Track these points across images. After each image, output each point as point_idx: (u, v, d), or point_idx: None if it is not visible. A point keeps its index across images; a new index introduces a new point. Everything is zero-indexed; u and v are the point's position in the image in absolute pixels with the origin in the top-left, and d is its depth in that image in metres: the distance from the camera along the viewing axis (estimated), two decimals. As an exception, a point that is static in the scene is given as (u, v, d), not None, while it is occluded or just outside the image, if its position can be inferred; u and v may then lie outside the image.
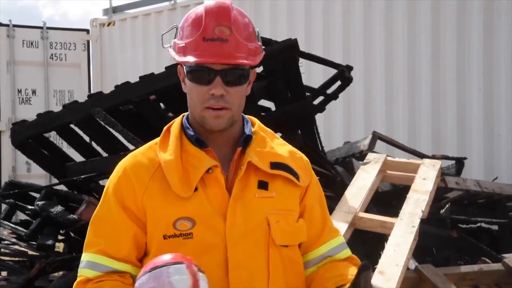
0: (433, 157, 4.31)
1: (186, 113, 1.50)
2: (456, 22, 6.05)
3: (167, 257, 1.24)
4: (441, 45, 6.14)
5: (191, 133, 1.43)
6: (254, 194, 1.41)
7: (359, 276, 1.30)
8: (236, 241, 1.37)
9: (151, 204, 1.38)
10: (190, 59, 1.37)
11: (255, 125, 1.51)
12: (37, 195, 4.50)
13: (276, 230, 1.41)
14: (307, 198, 1.51)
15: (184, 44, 1.40)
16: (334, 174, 4.05)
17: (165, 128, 1.48)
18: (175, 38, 1.45)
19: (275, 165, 1.45)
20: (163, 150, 1.42)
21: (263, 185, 1.43)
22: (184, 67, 1.42)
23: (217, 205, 1.38)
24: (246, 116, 1.52)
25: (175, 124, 1.47)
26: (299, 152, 1.56)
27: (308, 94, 4.43)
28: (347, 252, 1.54)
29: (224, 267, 1.36)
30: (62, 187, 4.68)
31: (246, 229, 1.38)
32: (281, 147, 1.51)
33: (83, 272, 1.39)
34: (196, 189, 1.37)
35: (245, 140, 1.45)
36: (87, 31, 9.11)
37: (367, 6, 6.56)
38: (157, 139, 1.47)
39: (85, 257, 1.40)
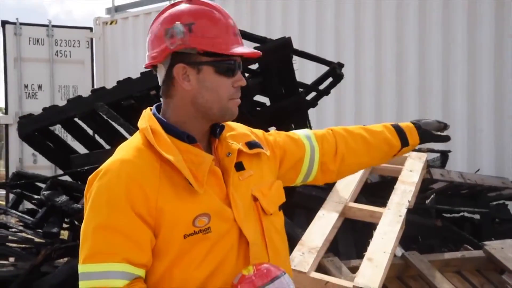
0: (419, 150, 4.30)
1: (149, 110, 1.47)
2: (441, 22, 6.05)
3: (273, 268, 1.31)
4: (427, 44, 6.15)
5: (178, 130, 1.39)
6: (237, 177, 1.43)
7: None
8: (244, 223, 1.38)
9: (168, 205, 1.32)
10: (242, 51, 1.39)
11: None
12: (43, 185, 4.50)
13: (264, 202, 1.45)
14: (277, 141, 1.61)
15: (219, 39, 1.38)
16: (326, 166, 4.06)
17: (146, 128, 1.39)
18: (172, 36, 1.37)
19: (250, 145, 1.49)
20: (166, 150, 1.35)
21: (240, 167, 1.45)
22: (214, 59, 1.38)
23: (220, 196, 1.38)
24: None
25: (154, 123, 1.41)
26: (246, 126, 1.60)
27: (301, 90, 4.43)
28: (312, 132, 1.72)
29: (236, 249, 1.37)
30: (66, 178, 4.67)
31: (244, 210, 1.40)
32: (240, 127, 1.55)
33: (108, 283, 1.28)
34: None
35: (220, 131, 1.47)
36: (91, 29, 9.07)
37: (358, 6, 6.56)
38: (138, 142, 1.40)
39: (102, 267, 1.28)
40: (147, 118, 1.44)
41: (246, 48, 1.42)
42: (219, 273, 1.33)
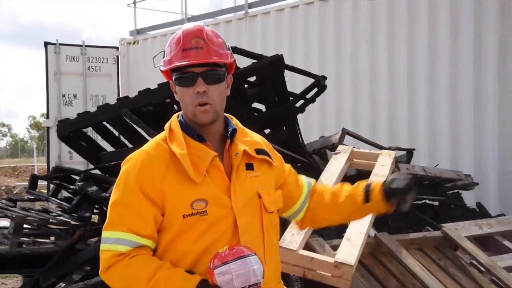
0: (389, 148, 4.30)
1: (178, 114, 1.47)
2: (406, 39, 6.05)
3: (245, 248, 1.26)
4: (395, 60, 6.17)
5: (192, 131, 1.40)
6: (245, 174, 1.41)
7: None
8: (240, 212, 1.37)
9: (171, 189, 1.33)
10: (174, 65, 1.37)
11: (233, 121, 1.50)
12: (77, 178, 4.48)
13: (266, 200, 1.42)
14: (285, 171, 1.56)
15: (169, 58, 1.39)
16: (312, 162, 4.04)
17: (167, 127, 1.43)
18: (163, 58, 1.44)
19: (258, 151, 1.46)
20: (175, 145, 1.37)
21: (250, 167, 1.43)
22: (173, 76, 1.40)
23: (221, 186, 1.37)
24: (226, 115, 1.50)
25: (175, 124, 1.43)
26: (263, 138, 1.56)
27: (291, 98, 4.41)
28: (314, 182, 1.64)
29: (231, 230, 1.36)
30: (97, 172, 4.65)
31: (244, 202, 1.38)
32: (255, 136, 1.52)
33: (116, 247, 1.32)
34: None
35: (232, 134, 1.44)
36: (117, 48, 9.07)
37: (338, 28, 6.58)
38: (159, 138, 1.42)
39: (114, 234, 1.33)
40: (172, 119, 1.46)
41: (184, 60, 1.35)
42: (213, 250, 1.31)
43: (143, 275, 1.28)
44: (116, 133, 4.81)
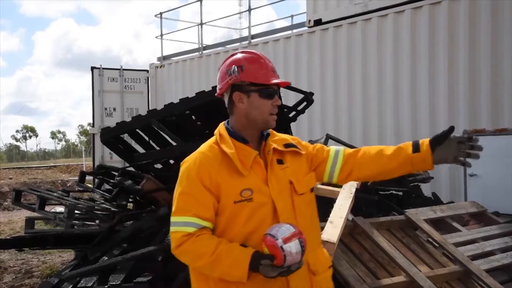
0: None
1: (223, 123, 1.47)
2: (376, 63, 6.04)
3: (295, 231, 1.27)
4: (367, 79, 6.15)
5: (237, 134, 1.42)
6: (278, 168, 1.41)
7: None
8: (277, 198, 1.37)
9: (224, 181, 1.34)
10: (276, 81, 1.39)
11: None
12: (116, 174, 4.47)
13: (297, 185, 1.41)
14: (311, 150, 1.52)
15: (259, 75, 1.39)
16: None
17: (217, 133, 1.44)
18: (230, 74, 1.40)
19: (286, 145, 1.47)
20: (226, 146, 1.38)
21: (280, 162, 1.43)
22: (258, 88, 1.39)
23: (261, 178, 1.37)
24: None
25: (223, 130, 1.44)
26: (289, 135, 1.57)
27: (285, 110, 4.40)
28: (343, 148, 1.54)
29: (271, 214, 1.35)
30: (131, 169, 4.65)
31: (279, 190, 1.38)
32: (283, 135, 1.53)
33: (184, 229, 1.33)
34: None
35: (266, 137, 1.46)
36: (147, 71, 9.10)
37: (322, 54, 6.57)
38: (211, 141, 1.43)
39: (181, 219, 1.34)
40: (220, 127, 1.46)
41: (280, 79, 1.41)
42: (258, 231, 1.32)
43: (208, 249, 1.29)
44: (147, 138, 4.82)
